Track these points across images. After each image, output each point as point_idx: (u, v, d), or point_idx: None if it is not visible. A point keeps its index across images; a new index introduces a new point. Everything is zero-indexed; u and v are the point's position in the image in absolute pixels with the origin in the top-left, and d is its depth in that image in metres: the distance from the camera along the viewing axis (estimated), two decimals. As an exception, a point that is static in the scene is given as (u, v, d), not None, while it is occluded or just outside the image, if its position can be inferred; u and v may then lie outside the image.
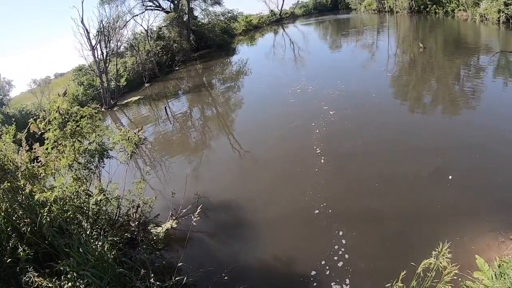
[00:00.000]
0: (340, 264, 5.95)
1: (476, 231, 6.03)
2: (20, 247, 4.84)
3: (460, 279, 4.56)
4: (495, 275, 4.35)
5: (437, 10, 40.38)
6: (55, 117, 6.09)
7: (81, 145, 6.27)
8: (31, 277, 4.45)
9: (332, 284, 5.57)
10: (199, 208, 5.65)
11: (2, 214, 5.21)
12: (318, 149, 10.35)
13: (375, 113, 12.54)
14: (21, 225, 5.20)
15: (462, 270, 4.15)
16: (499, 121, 10.12)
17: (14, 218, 5.25)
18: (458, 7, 36.02)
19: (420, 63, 19.55)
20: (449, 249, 3.74)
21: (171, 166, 11.86)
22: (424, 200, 7.22)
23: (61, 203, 5.33)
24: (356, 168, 9.09)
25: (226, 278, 6.04)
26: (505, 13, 26.98)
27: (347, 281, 5.57)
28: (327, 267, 5.93)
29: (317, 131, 11.77)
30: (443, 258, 3.66)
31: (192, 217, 5.49)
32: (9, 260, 4.79)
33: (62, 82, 29.82)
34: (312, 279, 5.77)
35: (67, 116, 6.16)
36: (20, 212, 5.27)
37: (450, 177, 7.67)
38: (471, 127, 10.27)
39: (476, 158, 8.38)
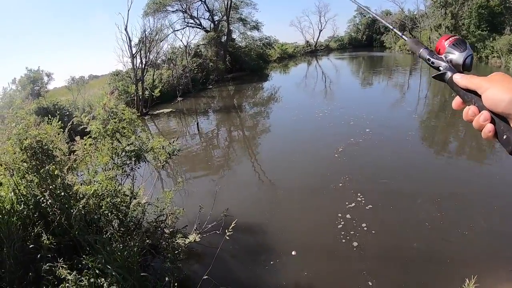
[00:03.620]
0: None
1: (497, 277, 5.81)
2: (44, 235, 4.87)
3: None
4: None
5: (471, 55, 40.16)
6: (99, 113, 6.22)
7: (118, 145, 6.34)
8: (54, 267, 4.46)
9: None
10: (233, 223, 5.60)
11: (33, 199, 5.28)
12: (347, 177, 10.23)
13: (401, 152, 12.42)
14: (49, 213, 5.23)
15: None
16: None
17: (43, 205, 5.28)
18: (492, 53, 35.79)
19: (451, 107, 19.31)
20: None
21: (195, 181, 11.87)
22: (446, 243, 7.00)
23: (99, 198, 5.38)
24: (387, 203, 8.82)
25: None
26: (539, 62, 26.69)
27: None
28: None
29: (344, 159, 11.92)
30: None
31: (226, 231, 5.44)
32: (31, 246, 4.81)
33: (97, 84, 30.60)
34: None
35: (111, 115, 6.28)
36: (50, 201, 5.29)
37: (471, 224, 7.45)
38: (494, 178, 9.97)
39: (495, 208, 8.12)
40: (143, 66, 25.34)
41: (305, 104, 24.04)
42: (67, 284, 4.28)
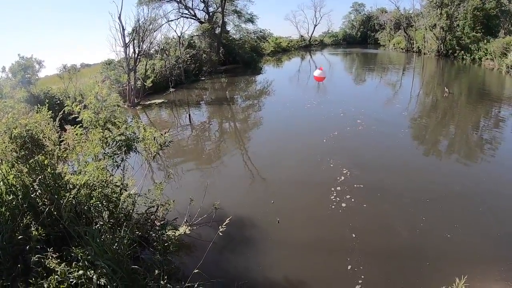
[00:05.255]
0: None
1: (485, 277, 5.91)
2: (33, 226, 4.81)
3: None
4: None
5: (464, 56, 40.28)
6: (91, 102, 6.14)
7: (110, 134, 6.28)
8: (43, 258, 4.41)
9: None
10: (227, 219, 5.59)
11: (22, 190, 5.20)
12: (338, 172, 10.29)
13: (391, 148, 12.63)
14: (39, 204, 5.17)
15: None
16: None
17: (32, 195, 5.20)
18: (486, 55, 35.99)
19: (442, 107, 19.47)
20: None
21: (186, 173, 11.77)
22: (432, 243, 7.06)
23: (89, 189, 5.32)
24: (375, 199, 8.89)
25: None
26: (532, 66, 26.87)
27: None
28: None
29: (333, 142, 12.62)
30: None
31: (220, 227, 5.43)
32: (20, 237, 4.74)
33: (89, 73, 30.19)
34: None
35: (103, 103, 6.21)
36: (39, 191, 5.22)
37: (456, 225, 7.52)
38: (481, 178, 10.10)
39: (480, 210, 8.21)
40: (136, 55, 25.08)
41: (297, 97, 24.15)
42: (56, 276, 4.24)
